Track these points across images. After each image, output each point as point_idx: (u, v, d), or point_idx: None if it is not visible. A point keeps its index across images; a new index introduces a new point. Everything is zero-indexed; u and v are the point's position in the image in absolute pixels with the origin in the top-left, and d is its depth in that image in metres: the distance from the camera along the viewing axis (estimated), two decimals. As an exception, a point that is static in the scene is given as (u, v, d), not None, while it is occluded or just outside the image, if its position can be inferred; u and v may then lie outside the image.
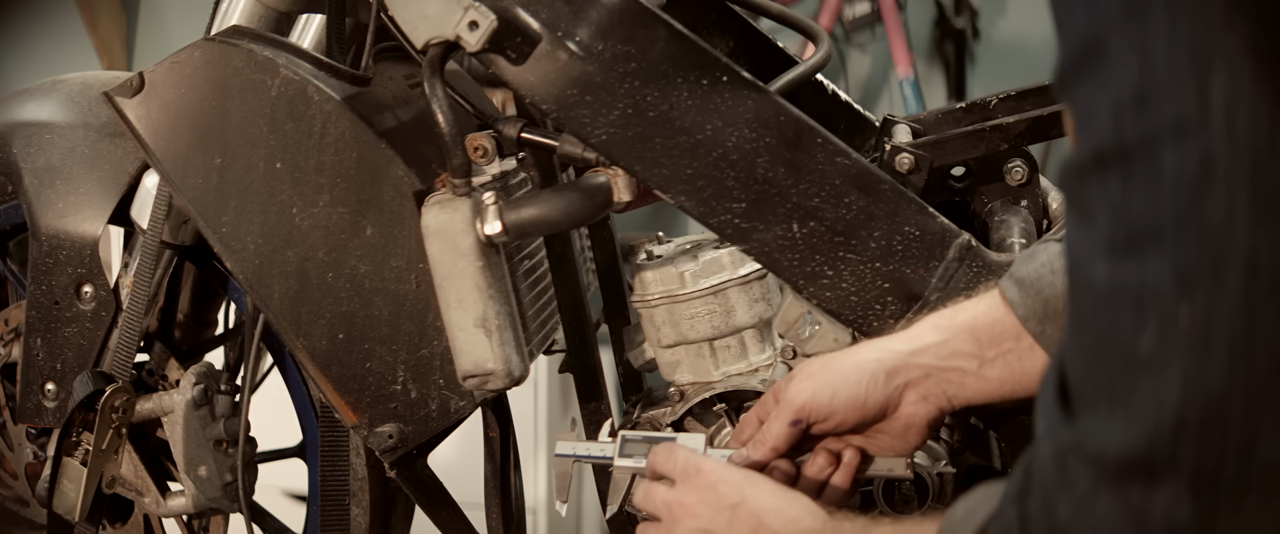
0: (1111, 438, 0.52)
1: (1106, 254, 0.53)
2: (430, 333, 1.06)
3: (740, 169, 0.97)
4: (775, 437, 0.93)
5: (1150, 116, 0.50)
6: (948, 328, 0.89)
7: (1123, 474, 0.52)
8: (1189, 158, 0.49)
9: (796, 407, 0.91)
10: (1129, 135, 0.51)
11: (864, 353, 0.91)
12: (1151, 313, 0.51)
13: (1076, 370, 0.55)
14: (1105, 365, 0.53)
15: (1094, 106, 0.53)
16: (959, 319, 0.89)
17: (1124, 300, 0.52)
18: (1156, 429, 0.51)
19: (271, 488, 1.97)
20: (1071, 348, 0.56)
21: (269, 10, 1.15)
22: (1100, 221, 0.53)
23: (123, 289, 1.22)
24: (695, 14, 1.24)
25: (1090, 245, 0.54)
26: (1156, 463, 0.51)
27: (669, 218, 2.69)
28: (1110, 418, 0.52)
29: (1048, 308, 0.85)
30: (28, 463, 1.36)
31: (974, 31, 2.96)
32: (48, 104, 1.28)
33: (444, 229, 1.00)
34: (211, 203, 1.08)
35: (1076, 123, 0.55)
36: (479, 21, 0.95)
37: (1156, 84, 0.50)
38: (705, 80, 0.97)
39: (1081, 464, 0.54)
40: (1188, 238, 0.50)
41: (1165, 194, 0.50)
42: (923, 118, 1.22)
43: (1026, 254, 0.89)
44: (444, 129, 0.98)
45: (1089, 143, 0.53)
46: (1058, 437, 0.56)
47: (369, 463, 1.24)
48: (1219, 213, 0.49)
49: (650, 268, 1.13)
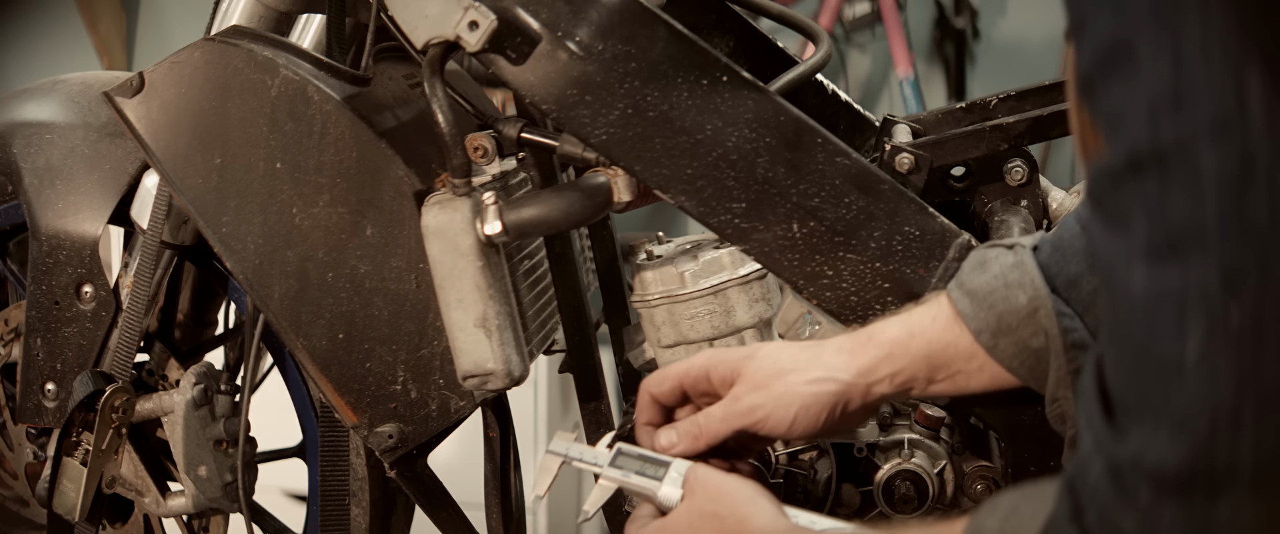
0: (1167, 452, 0.51)
1: (1145, 260, 0.52)
2: (430, 333, 1.06)
3: (740, 169, 0.97)
4: (712, 436, 0.90)
5: (1187, 116, 0.49)
6: (902, 355, 0.88)
7: (1183, 487, 0.51)
8: (1229, 156, 0.49)
9: (752, 421, 0.89)
10: (1165, 136, 0.50)
11: (821, 384, 0.89)
12: (1195, 318, 0.50)
13: (1119, 382, 0.55)
14: (1149, 376, 0.52)
15: (1125, 109, 0.52)
16: (913, 346, 0.88)
17: (1165, 306, 0.51)
18: (1212, 435, 0.50)
19: (271, 488, 1.97)
20: (1111, 359, 0.55)
21: (269, 10, 1.15)
22: (1137, 227, 0.52)
23: (123, 289, 1.22)
24: (695, 14, 1.24)
25: (1127, 252, 0.53)
26: (1216, 472, 0.50)
27: (669, 218, 2.69)
28: (1158, 430, 0.52)
29: (1001, 323, 0.84)
30: (28, 463, 1.36)
31: (974, 31, 2.96)
32: (48, 104, 1.28)
33: (444, 229, 1.00)
34: (211, 203, 1.08)
35: (1104, 127, 0.54)
36: (479, 21, 0.95)
37: (1192, 83, 0.49)
38: (705, 80, 0.97)
39: (1140, 479, 0.52)
40: (1232, 238, 0.49)
41: (1206, 195, 0.49)
42: (923, 118, 1.22)
43: (976, 261, 0.88)
44: (444, 129, 0.98)
45: (1122, 147, 0.52)
46: (1109, 451, 0.55)
47: (369, 463, 1.24)
48: (1262, 211, 0.48)
49: (650, 268, 1.13)
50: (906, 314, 0.90)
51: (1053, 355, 0.82)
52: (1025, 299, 0.83)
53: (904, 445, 1.10)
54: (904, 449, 1.10)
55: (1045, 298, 0.82)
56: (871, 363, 0.89)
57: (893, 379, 0.88)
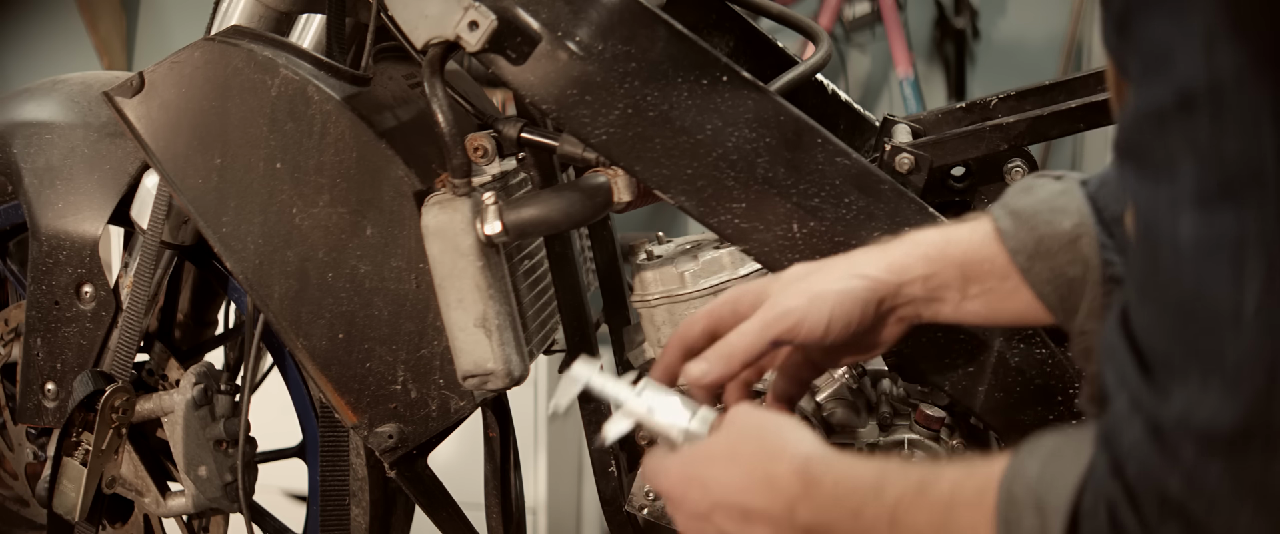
0: (1220, 409, 0.48)
1: (1194, 206, 0.48)
2: (430, 333, 1.06)
3: (740, 169, 0.97)
4: (747, 351, 0.82)
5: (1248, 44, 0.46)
6: (937, 259, 0.83)
7: (1237, 446, 0.48)
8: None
9: (787, 327, 0.81)
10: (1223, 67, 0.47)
11: (850, 280, 0.83)
12: (1256, 264, 0.47)
13: (1158, 338, 0.51)
14: (1199, 327, 0.49)
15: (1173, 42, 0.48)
16: (950, 252, 0.83)
17: (1218, 254, 0.48)
18: (1271, 390, 0.47)
19: (271, 488, 1.97)
20: (1149, 314, 0.52)
21: (269, 10, 1.15)
22: (1184, 171, 0.48)
23: (123, 289, 1.22)
24: (695, 14, 1.24)
25: (1171, 200, 0.49)
26: (1274, 427, 0.47)
27: (669, 218, 2.69)
28: (1208, 386, 0.49)
29: (1040, 245, 0.81)
30: (28, 463, 1.37)
31: (974, 31, 2.96)
32: (48, 104, 1.28)
33: (444, 229, 1.00)
34: (211, 203, 1.08)
35: (1143, 67, 0.50)
36: (479, 21, 0.95)
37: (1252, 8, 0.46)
38: (705, 80, 0.97)
39: (1186, 439, 0.50)
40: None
41: (1265, 132, 0.46)
42: (923, 118, 1.22)
43: (1022, 185, 0.85)
44: (444, 129, 0.98)
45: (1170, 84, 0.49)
46: (1150, 410, 0.51)
47: (369, 463, 1.24)
48: None
49: (650, 268, 1.13)
50: (946, 226, 0.87)
51: (1089, 286, 0.78)
52: (1069, 225, 0.80)
53: (904, 445, 1.10)
54: (904, 449, 1.10)
55: (1090, 226, 0.79)
56: (904, 259, 0.84)
57: (926, 281, 0.83)
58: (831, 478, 0.71)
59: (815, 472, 0.72)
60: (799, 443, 0.75)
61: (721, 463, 0.77)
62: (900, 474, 0.68)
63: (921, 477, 0.67)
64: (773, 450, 0.75)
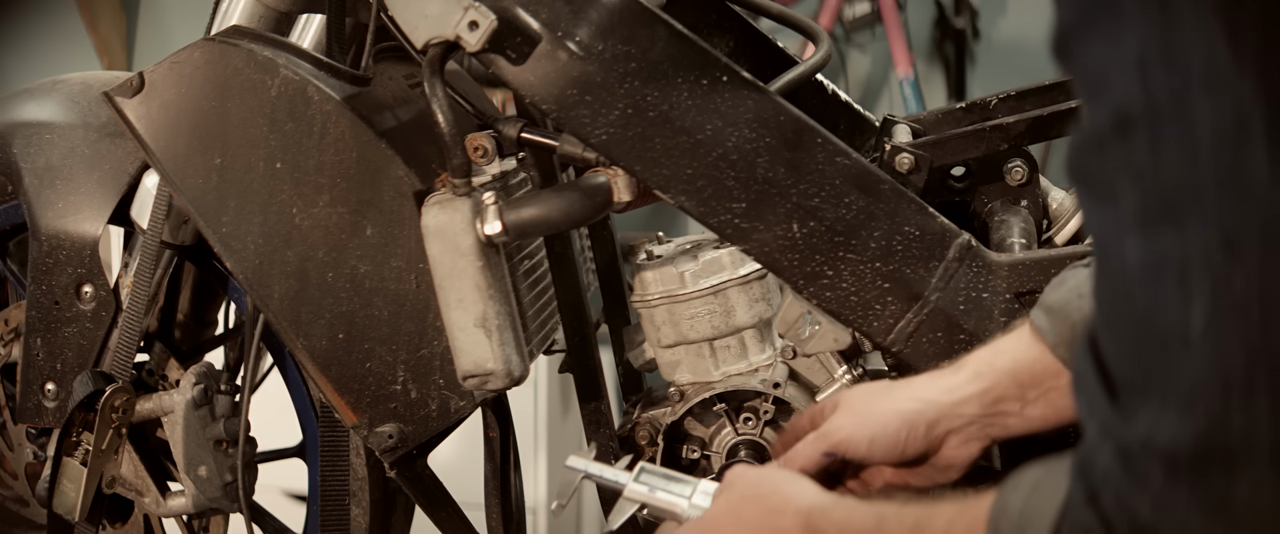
0: (1180, 431, 0.48)
1: (1138, 229, 0.49)
2: (430, 333, 1.06)
3: (740, 169, 0.97)
4: (805, 459, 0.90)
5: (1180, 67, 0.46)
6: (989, 374, 0.87)
7: (1197, 465, 0.48)
8: (1223, 110, 0.45)
9: (834, 442, 0.90)
10: (1157, 89, 0.47)
11: (903, 402, 0.89)
12: (1200, 284, 0.47)
13: (1119, 361, 0.52)
14: (1152, 351, 0.49)
15: (1109, 66, 0.49)
16: (999, 363, 0.87)
17: (1164, 276, 0.48)
18: (1225, 408, 0.47)
19: (271, 488, 1.97)
20: (1110, 339, 0.52)
21: (269, 10, 1.15)
22: (1127, 194, 0.49)
23: (123, 289, 1.22)
24: (695, 14, 1.24)
25: (1117, 223, 0.50)
26: (1231, 445, 0.47)
27: (669, 218, 2.69)
28: (1167, 408, 0.49)
29: (1075, 332, 0.83)
30: (28, 463, 1.36)
31: (974, 31, 2.96)
32: (48, 104, 1.28)
33: (444, 229, 1.00)
34: (211, 203, 1.08)
35: (1087, 89, 0.51)
36: (479, 21, 0.95)
37: (1183, 33, 0.46)
38: (705, 80, 0.97)
39: (1151, 461, 0.50)
40: (1231, 198, 0.46)
41: (1201, 152, 0.46)
42: (923, 118, 1.22)
43: (1056, 281, 0.87)
44: (444, 129, 0.98)
45: (1107, 107, 0.49)
46: (1118, 435, 0.52)
47: (369, 463, 1.24)
48: (1262, 170, 0.45)
49: (650, 268, 1.13)
50: (994, 340, 0.90)
51: None
52: None
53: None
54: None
55: None
56: (956, 381, 0.88)
57: (981, 397, 0.87)
58: (834, 527, 0.76)
59: (818, 523, 0.77)
60: (799, 497, 0.80)
61: (728, 527, 0.82)
62: (896, 517, 0.72)
63: (917, 518, 0.70)
64: (775, 507, 0.80)
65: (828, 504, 0.78)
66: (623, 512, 0.93)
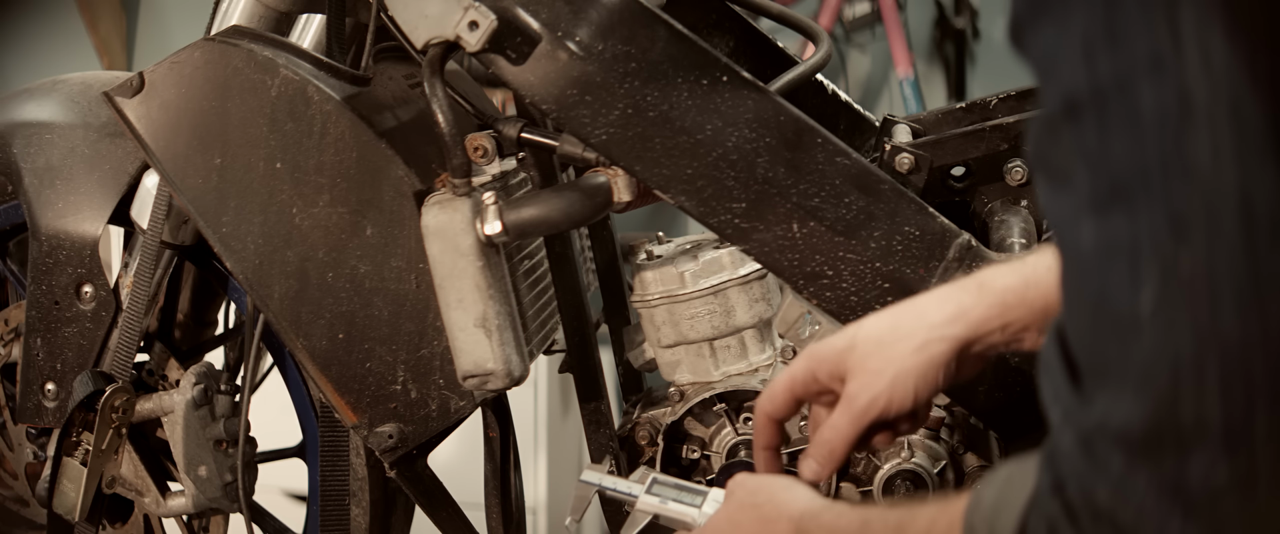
0: (1132, 413, 0.49)
1: (1091, 212, 0.49)
2: (430, 333, 1.06)
3: (740, 169, 0.97)
4: (846, 443, 0.85)
5: (1124, 52, 0.47)
6: (1017, 305, 0.83)
7: (1151, 448, 0.48)
8: (1167, 94, 0.46)
9: (877, 411, 0.84)
10: (1103, 74, 0.48)
11: (929, 344, 0.84)
12: (1149, 266, 0.48)
13: (1079, 345, 0.52)
14: (1106, 333, 0.50)
15: (1058, 52, 0.50)
16: (1030, 296, 0.83)
17: (1116, 259, 0.49)
18: (1175, 390, 0.47)
19: (271, 488, 1.97)
20: (1070, 322, 0.53)
21: (269, 10, 1.15)
22: (1079, 178, 0.50)
23: (123, 289, 1.22)
24: (695, 14, 1.24)
25: (1072, 207, 0.50)
26: (1182, 427, 0.47)
27: (669, 218, 2.69)
28: (1123, 391, 0.49)
29: None
30: (28, 463, 1.36)
31: (974, 31, 2.96)
32: (48, 104, 1.28)
33: (444, 229, 1.00)
34: (211, 203, 1.08)
35: (1040, 75, 0.51)
36: (479, 21, 0.95)
37: (1127, 18, 0.47)
38: (705, 80, 0.97)
39: (1109, 446, 0.50)
40: (1176, 180, 0.47)
41: (1147, 135, 0.47)
42: (923, 118, 1.22)
43: None
44: (444, 129, 0.98)
45: (1057, 92, 0.50)
46: (1077, 420, 0.52)
47: (369, 463, 1.24)
48: (1205, 153, 0.46)
49: (650, 268, 1.13)
50: (1021, 261, 0.87)
51: None
52: None
53: (904, 445, 1.10)
54: (904, 449, 1.10)
55: None
56: (984, 313, 0.84)
57: (1005, 329, 0.83)
58: (822, 531, 0.79)
59: (808, 528, 0.80)
60: (792, 503, 0.82)
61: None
62: (881, 518, 0.74)
63: (899, 518, 0.72)
64: (768, 514, 0.83)
65: (818, 510, 0.81)
66: (635, 524, 0.94)
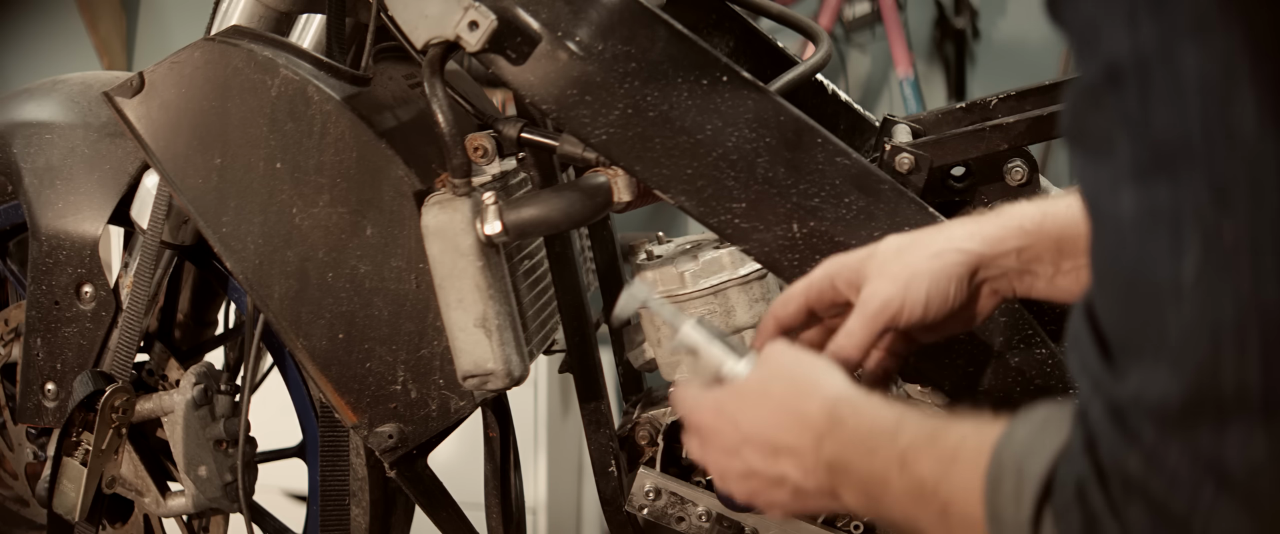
0: (1170, 386, 0.48)
1: (1132, 181, 0.49)
2: (430, 333, 1.06)
3: (740, 169, 0.97)
4: (859, 348, 0.84)
5: (1167, 16, 0.46)
6: (1033, 232, 0.83)
7: (1188, 420, 0.48)
8: (1211, 59, 0.46)
9: (889, 316, 0.83)
10: (1146, 39, 0.47)
11: (945, 255, 0.84)
12: (1191, 234, 0.47)
13: (1112, 317, 0.52)
14: (1145, 304, 0.49)
15: (1100, 18, 0.49)
16: (1047, 226, 0.83)
17: (1157, 227, 0.48)
18: (1216, 360, 0.47)
19: (271, 488, 1.97)
20: (1102, 294, 0.52)
21: (269, 10, 1.15)
22: (1120, 146, 0.49)
23: (123, 289, 1.22)
24: (695, 14, 1.24)
25: (1111, 176, 0.49)
26: (1222, 398, 0.47)
27: (669, 218, 2.69)
28: (1159, 362, 0.48)
29: None
30: (28, 463, 1.37)
31: (974, 31, 2.96)
32: (48, 104, 1.28)
33: (444, 229, 1.00)
34: (211, 203, 1.08)
35: (1078, 43, 0.51)
36: (479, 21, 0.95)
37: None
38: (705, 80, 0.97)
39: (1142, 418, 0.50)
40: (1220, 148, 0.46)
41: (1190, 102, 0.46)
42: (923, 118, 1.22)
43: None
44: (444, 129, 0.98)
45: (1099, 60, 0.49)
46: (1108, 392, 0.52)
47: (369, 463, 1.24)
48: (1250, 119, 0.46)
49: (650, 268, 1.13)
50: (1041, 199, 0.87)
51: None
52: None
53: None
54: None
55: None
56: (1000, 232, 0.84)
57: (1020, 254, 0.83)
58: (856, 418, 0.74)
59: (842, 412, 0.74)
60: (829, 384, 0.77)
61: (753, 400, 0.79)
62: (916, 422, 0.70)
63: (934, 428, 0.69)
64: (804, 389, 0.77)
65: (854, 396, 0.76)
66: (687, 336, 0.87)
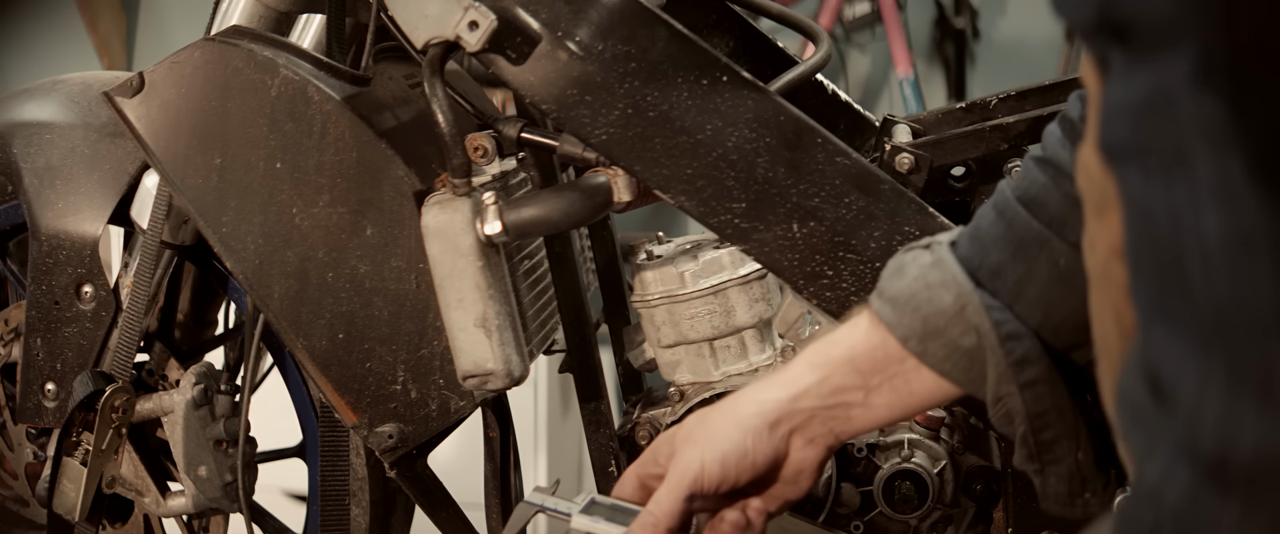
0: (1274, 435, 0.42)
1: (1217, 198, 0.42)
2: (430, 333, 1.06)
3: (740, 169, 0.97)
4: (668, 515, 0.83)
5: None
6: (824, 364, 0.82)
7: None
8: None
9: (690, 481, 0.83)
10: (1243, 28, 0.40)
11: (742, 407, 0.83)
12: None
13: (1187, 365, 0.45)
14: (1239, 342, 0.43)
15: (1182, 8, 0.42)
16: (834, 353, 0.82)
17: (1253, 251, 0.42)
18: None
19: (271, 488, 1.97)
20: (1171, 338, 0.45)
21: (269, 10, 1.15)
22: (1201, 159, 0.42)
23: (123, 289, 1.22)
24: (695, 14, 1.24)
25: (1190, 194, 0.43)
26: None
27: (669, 218, 2.69)
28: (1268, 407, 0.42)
29: (927, 325, 0.77)
30: (28, 463, 1.36)
31: (974, 31, 2.96)
32: (48, 104, 1.28)
33: (444, 229, 1.00)
34: (211, 203, 1.08)
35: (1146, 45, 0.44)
36: (479, 21, 0.95)
37: None
38: (705, 80, 0.97)
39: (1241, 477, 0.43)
40: None
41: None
42: (923, 118, 1.22)
43: (894, 267, 0.81)
44: (444, 129, 0.98)
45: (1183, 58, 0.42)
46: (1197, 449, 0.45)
47: (369, 463, 1.24)
48: None
49: (650, 268, 1.13)
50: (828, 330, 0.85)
51: (988, 351, 0.76)
52: (950, 298, 0.77)
53: (904, 445, 1.10)
54: (904, 449, 1.10)
55: (971, 293, 0.76)
56: (790, 375, 0.83)
57: (819, 387, 0.82)
58: None
59: None
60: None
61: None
62: None
63: None
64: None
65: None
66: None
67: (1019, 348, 0.76)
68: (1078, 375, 0.78)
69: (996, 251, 0.78)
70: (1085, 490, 0.78)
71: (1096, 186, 0.59)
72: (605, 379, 1.20)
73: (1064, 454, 0.77)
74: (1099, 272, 0.62)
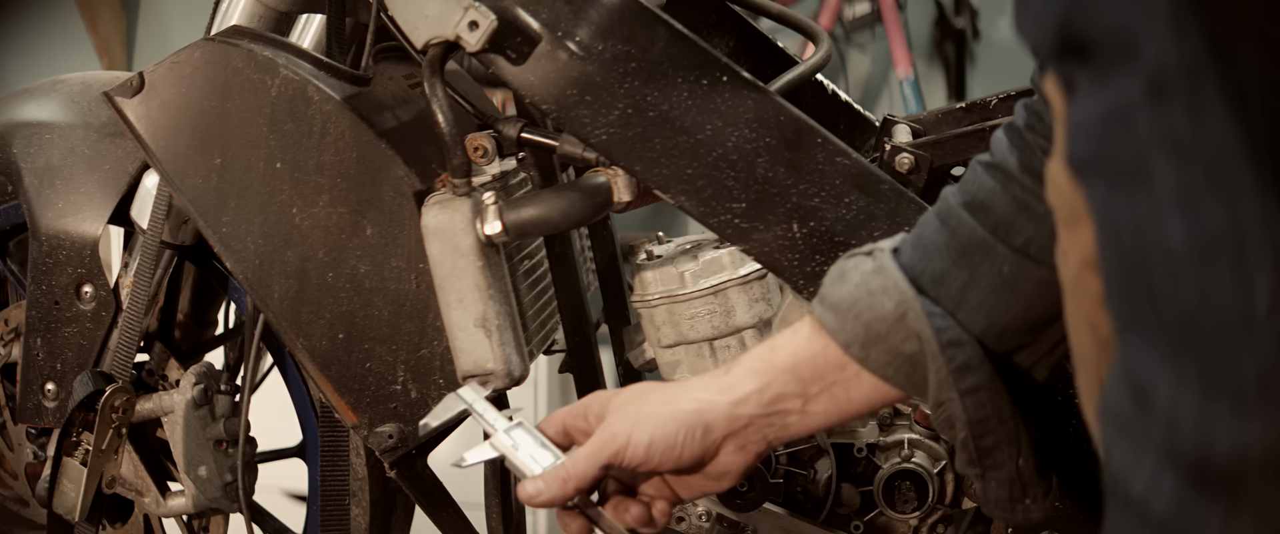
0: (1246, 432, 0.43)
1: (1179, 208, 0.43)
2: (430, 333, 1.06)
3: (740, 169, 0.97)
4: (581, 477, 0.85)
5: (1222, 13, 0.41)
6: (765, 371, 0.82)
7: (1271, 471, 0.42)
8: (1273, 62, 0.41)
9: (612, 451, 0.84)
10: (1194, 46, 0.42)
11: (682, 400, 0.84)
12: (1259, 259, 0.42)
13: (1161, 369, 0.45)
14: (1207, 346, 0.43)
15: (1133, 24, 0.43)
16: (777, 359, 0.82)
17: (1216, 256, 0.43)
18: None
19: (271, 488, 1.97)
20: (1144, 346, 0.46)
21: (269, 10, 1.15)
22: (1161, 171, 0.43)
23: (123, 289, 1.22)
24: (695, 14, 1.24)
25: (1152, 206, 0.44)
26: None
27: (669, 218, 2.69)
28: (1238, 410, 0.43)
29: (869, 332, 0.78)
30: (28, 463, 1.36)
31: (974, 31, 2.96)
32: (48, 104, 1.28)
33: (444, 229, 1.00)
34: (211, 203, 1.08)
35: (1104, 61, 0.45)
36: (479, 21, 0.95)
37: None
38: (705, 80, 0.97)
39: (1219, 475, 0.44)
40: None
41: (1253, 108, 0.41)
42: (923, 118, 1.22)
43: (835, 274, 0.82)
44: (444, 129, 0.98)
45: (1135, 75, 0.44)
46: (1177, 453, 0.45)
47: (369, 463, 1.24)
48: None
49: (650, 268, 1.13)
50: (770, 337, 0.86)
51: (929, 358, 0.76)
52: (891, 305, 0.77)
53: (904, 445, 1.10)
54: (904, 449, 1.10)
55: (912, 300, 0.77)
56: (732, 380, 0.83)
57: (759, 395, 0.82)
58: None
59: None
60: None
61: None
62: None
63: None
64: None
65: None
66: (479, 453, 0.90)
67: (960, 355, 0.76)
68: (1020, 380, 0.78)
69: (940, 259, 0.79)
70: (1026, 496, 0.79)
71: (1066, 200, 0.59)
72: (605, 379, 1.20)
73: (1005, 460, 0.78)
74: (1072, 283, 0.62)
